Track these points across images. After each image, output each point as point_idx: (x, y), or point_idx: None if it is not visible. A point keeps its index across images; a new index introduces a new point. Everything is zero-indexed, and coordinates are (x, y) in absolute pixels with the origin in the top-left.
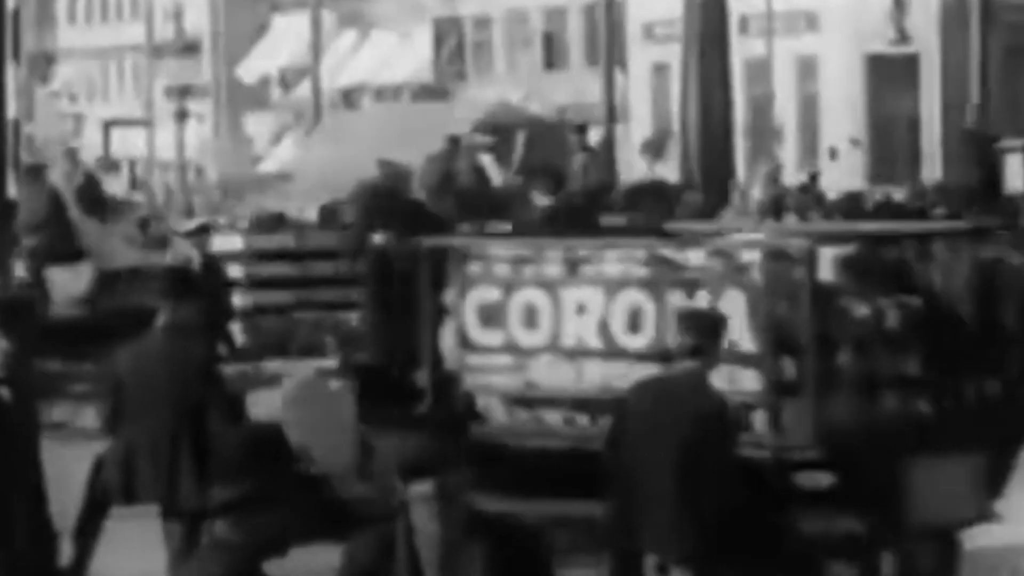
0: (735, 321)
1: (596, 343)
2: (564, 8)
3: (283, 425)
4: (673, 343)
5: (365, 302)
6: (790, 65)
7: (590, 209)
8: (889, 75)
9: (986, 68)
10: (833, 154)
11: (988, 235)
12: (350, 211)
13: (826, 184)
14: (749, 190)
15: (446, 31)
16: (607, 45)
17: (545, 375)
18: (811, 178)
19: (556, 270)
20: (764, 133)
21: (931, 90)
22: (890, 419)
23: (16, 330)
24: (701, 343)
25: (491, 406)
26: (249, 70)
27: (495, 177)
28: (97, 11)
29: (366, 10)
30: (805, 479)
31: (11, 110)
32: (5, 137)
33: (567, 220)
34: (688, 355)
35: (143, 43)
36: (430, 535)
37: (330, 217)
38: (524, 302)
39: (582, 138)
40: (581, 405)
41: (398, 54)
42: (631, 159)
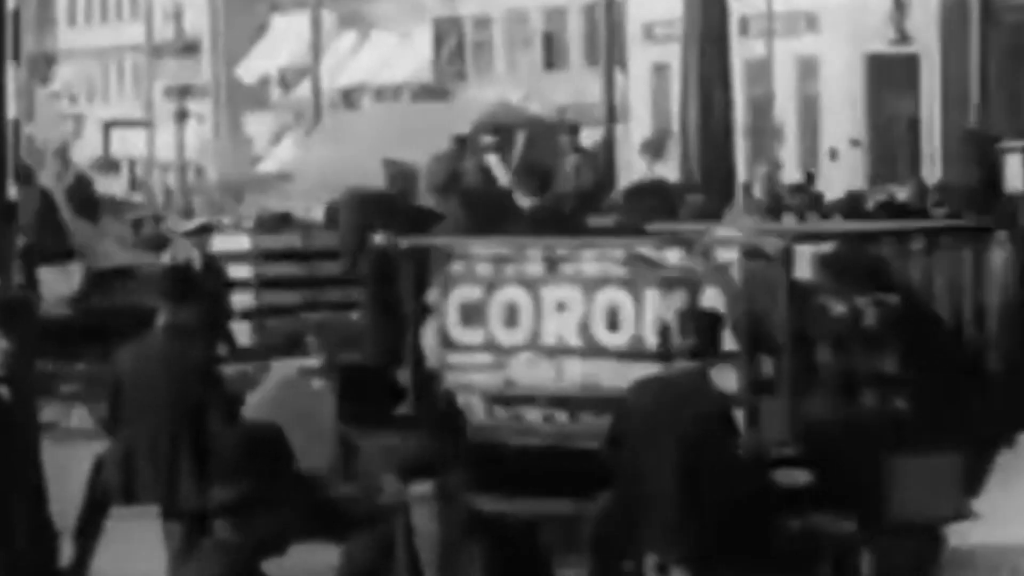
0: None
1: (576, 341)
2: (564, 8)
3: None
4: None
5: (364, 303)
6: (790, 65)
7: (576, 210)
8: (889, 75)
9: (986, 68)
10: (833, 154)
11: (974, 235)
12: (342, 215)
13: (826, 184)
14: (751, 190)
15: (446, 31)
16: (607, 45)
17: (525, 373)
18: (807, 178)
19: (537, 269)
20: (764, 133)
21: (931, 90)
22: (868, 417)
23: (16, 330)
24: (702, 342)
25: (472, 405)
26: (249, 70)
27: (502, 177)
28: (97, 12)
29: (366, 10)
30: (783, 476)
31: (11, 111)
32: (5, 138)
33: (549, 222)
34: (689, 354)
35: (143, 43)
36: (430, 535)
37: (336, 217)
38: (505, 301)
39: (574, 139)
40: (561, 403)
41: (398, 54)
42: (631, 159)
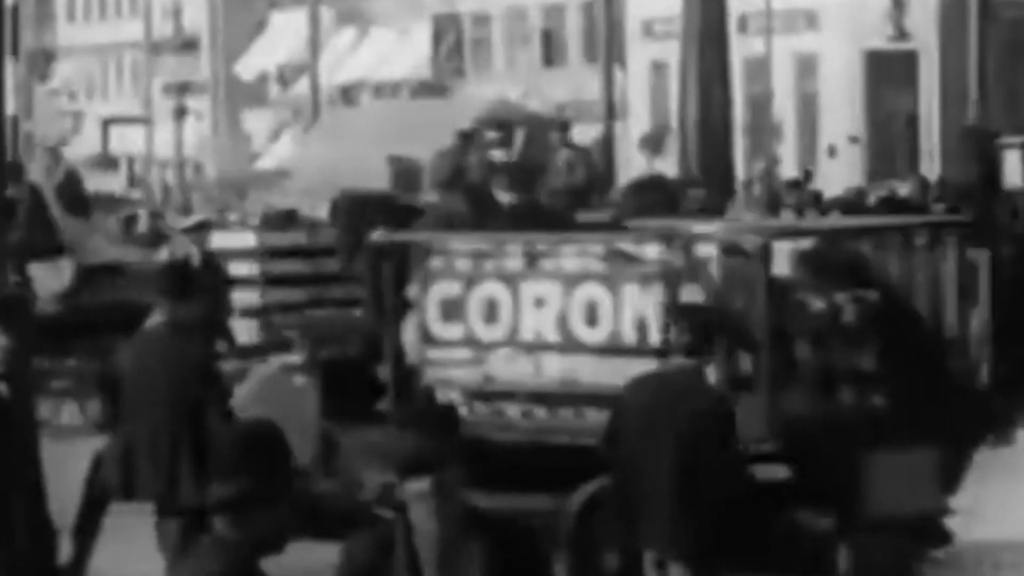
0: None
1: (554, 337)
2: (563, 5)
3: None
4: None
5: (364, 300)
6: (789, 63)
7: (567, 207)
8: (888, 72)
9: (985, 65)
10: (832, 151)
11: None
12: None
13: (826, 181)
14: (751, 187)
15: (445, 28)
16: (606, 42)
17: (504, 369)
18: (804, 175)
19: (516, 264)
20: (763, 131)
21: (930, 87)
22: (846, 413)
23: (14, 326)
24: (698, 339)
25: (451, 400)
26: (248, 67)
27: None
28: (96, 8)
29: (365, 7)
30: (762, 472)
31: (10, 107)
32: (4, 135)
33: (529, 218)
34: (685, 351)
35: (142, 40)
36: (428, 533)
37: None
38: (484, 296)
39: (564, 136)
40: (539, 399)
41: (397, 51)
42: (630, 156)
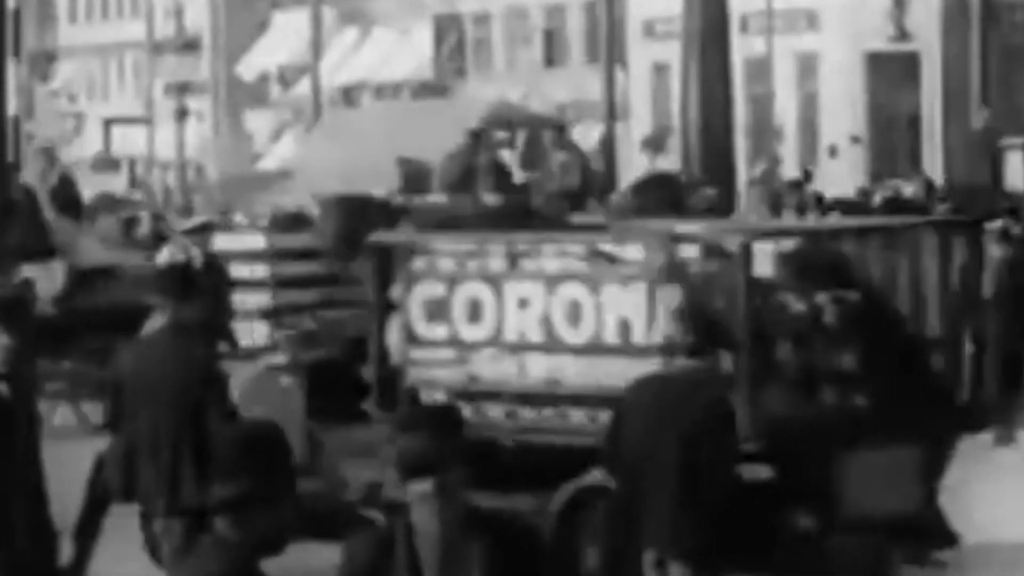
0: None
1: (537, 337)
2: (564, 5)
3: None
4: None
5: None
6: (790, 63)
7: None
8: (889, 73)
9: (986, 66)
10: (833, 152)
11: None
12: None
13: (827, 181)
14: (753, 187)
15: (446, 28)
16: (607, 42)
17: (488, 369)
18: (805, 176)
19: (499, 264)
20: (764, 131)
21: (931, 87)
22: (827, 413)
23: (15, 327)
24: (700, 340)
25: (436, 401)
26: (249, 67)
27: (516, 174)
28: (98, 9)
29: (366, 7)
30: (744, 471)
31: (11, 108)
32: (6, 136)
33: (511, 218)
34: (689, 352)
35: (143, 41)
36: (430, 534)
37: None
38: (468, 296)
39: (560, 137)
40: (523, 399)
41: (398, 51)
42: (631, 156)
